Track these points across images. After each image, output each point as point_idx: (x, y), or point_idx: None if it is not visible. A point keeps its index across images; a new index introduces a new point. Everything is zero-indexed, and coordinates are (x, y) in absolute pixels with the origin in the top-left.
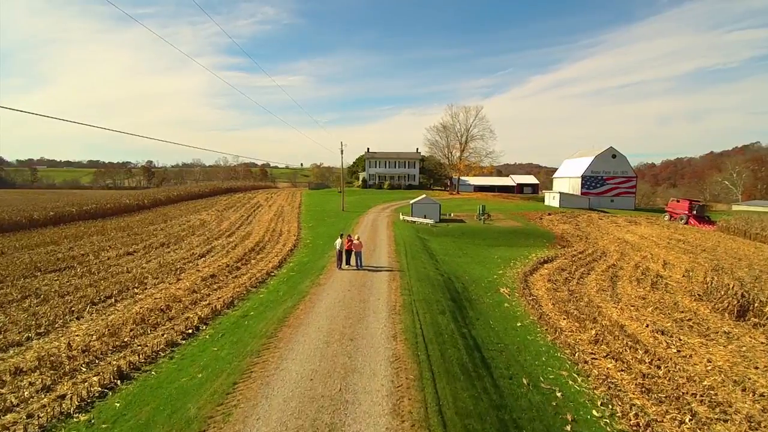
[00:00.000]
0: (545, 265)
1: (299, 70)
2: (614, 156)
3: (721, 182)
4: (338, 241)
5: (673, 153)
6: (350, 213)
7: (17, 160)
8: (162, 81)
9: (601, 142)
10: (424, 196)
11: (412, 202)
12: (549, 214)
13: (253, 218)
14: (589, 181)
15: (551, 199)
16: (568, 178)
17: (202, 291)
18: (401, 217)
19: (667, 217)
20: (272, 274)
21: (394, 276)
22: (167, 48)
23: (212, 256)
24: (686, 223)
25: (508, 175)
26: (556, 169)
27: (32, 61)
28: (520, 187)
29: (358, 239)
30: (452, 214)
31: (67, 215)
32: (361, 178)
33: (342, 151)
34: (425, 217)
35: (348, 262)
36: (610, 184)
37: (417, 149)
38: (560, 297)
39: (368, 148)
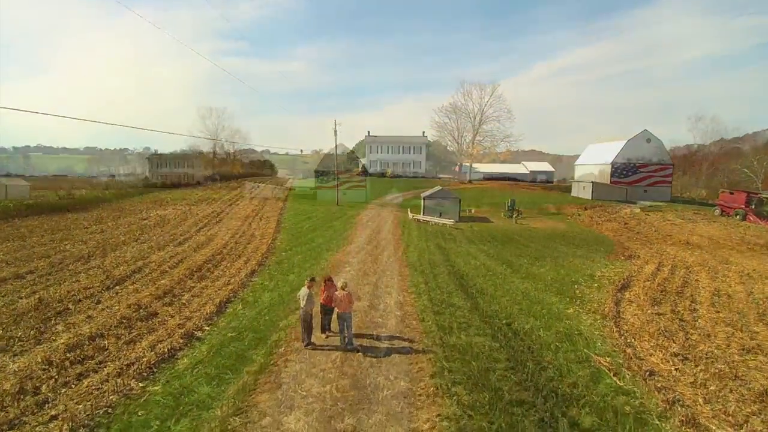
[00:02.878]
0: (624, 294)
1: (301, 55)
2: (649, 140)
3: (741, 170)
4: (303, 292)
5: (680, 140)
6: (345, 208)
7: (13, 146)
8: (163, 67)
9: (607, 130)
10: (439, 188)
11: (424, 195)
12: (586, 209)
13: (225, 215)
14: (620, 168)
15: (581, 190)
16: (595, 165)
17: (43, 390)
18: (410, 215)
19: (717, 212)
20: (197, 334)
21: (419, 374)
22: (168, 33)
23: (133, 283)
24: (743, 219)
25: (519, 162)
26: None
27: (32, 48)
28: (534, 175)
29: (343, 287)
30: (473, 211)
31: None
32: (360, 166)
33: (336, 132)
34: (441, 216)
35: (326, 329)
36: (643, 172)
37: (423, 133)
38: (708, 380)
39: (368, 132)
